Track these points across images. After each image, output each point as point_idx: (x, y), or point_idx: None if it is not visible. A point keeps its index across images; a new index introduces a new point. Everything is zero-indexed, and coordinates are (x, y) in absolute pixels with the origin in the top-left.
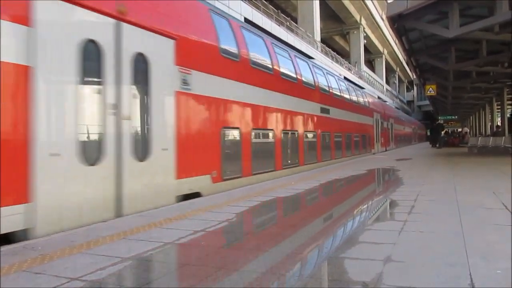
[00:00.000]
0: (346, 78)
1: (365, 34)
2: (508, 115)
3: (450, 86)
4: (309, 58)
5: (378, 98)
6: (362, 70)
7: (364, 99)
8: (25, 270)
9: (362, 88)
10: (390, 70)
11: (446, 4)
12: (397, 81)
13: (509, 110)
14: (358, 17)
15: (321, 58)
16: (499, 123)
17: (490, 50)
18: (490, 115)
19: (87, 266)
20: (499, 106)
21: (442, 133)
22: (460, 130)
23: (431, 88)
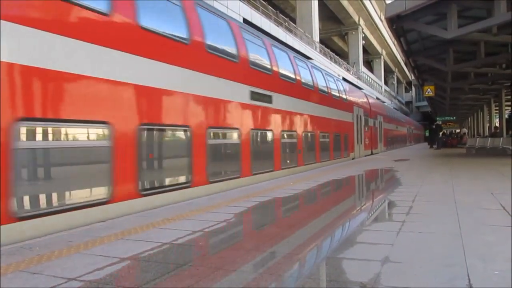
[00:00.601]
0: (345, 79)
1: (363, 35)
2: (506, 116)
3: (448, 87)
4: (307, 58)
5: (378, 98)
6: (360, 71)
7: (339, 89)
8: (22, 270)
9: (360, 88)
10: (388, 71)
11: (444, 5)
12: (395, 82)
13: (507, 111)
14: (356, 18)
15: (319, 59)
16: (497, 124)
17: (488, 52)
18: (488, 116)
19: (85, 267)
20: (497, 107)
21: (440, 134)
22: (458, 131)
23: (430, 89)
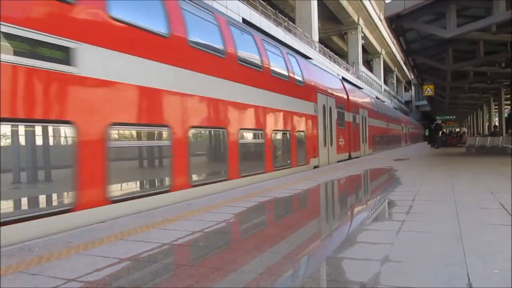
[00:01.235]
0: (344, 79)
1: (363, 35)
2: (505, 115)
3: (448, 86)
4: (307, 58)
5: (377, 97)
6: (360, 71)
7: (290, 66)
8: (22, 271)
9: (360, 88)
10: (388, 70)
11: (443, 4)
12: (395, 81)
13: (506, 110)
14: (356, 17)
15: (319, 58)
16: (497, 123)
17: (487, 51)
18: (488, 115)
19: (85, 267)
20: (497, 106)
21: (440, 133)
22: (458, 130)
23: (429, 88)
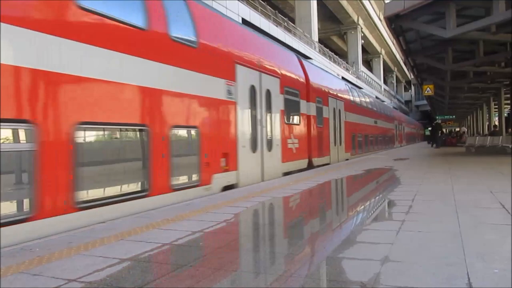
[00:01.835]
0: (344, 78)
1: (362, 34)
2: (505, 115)
3: (448, 86)
4: (307, 58)
5: (377, 97)
6: (360, 70)
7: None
8: (22, 271)
9: (360, 87)
10: (388, 70)
11: (443, 4)
12: (394, 81)
13: (506, 110)
14: (355, 17)
15: (318, 58)
16: (497, 123)
17: (487, 50)
18: (488, 115)
19: (85, 268)
20: (497, 106)
21: (439, 132)
22: (458, 129)
23: (429, 88)
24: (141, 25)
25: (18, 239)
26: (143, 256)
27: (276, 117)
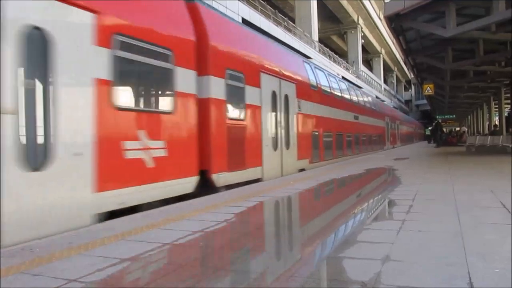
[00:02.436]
0: (344, 78)
1: (362, 34)
2: (505, 114)
3: (448, 86)
4: (307, 58)
5: (377, 97)
6: (360, 70)
7: None
8: (23, 272)
9: (360, 87)
10: (388, 69)
11: (443, 3)
12: (395, 80)
13: (506, 109)
14: (355, 17)
15: (319, 58)
16: (497, 122)
17: (487, 50)
18: (488, 114)
19: (86, 268)
20: (497, 105)
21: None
22: (458, 129)
23: (429, 87)
24: None
25: None
26: (144, 256)
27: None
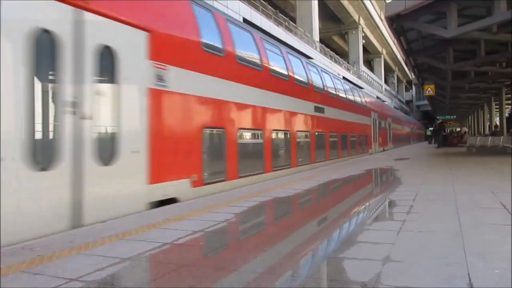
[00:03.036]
0: (345, 78)
1: (363, 34)
2: (506, 115)
3: (448, 86)
4: (307, 58)
5: (378, 97)
6: (361, 70)
7: None
8: (24, 270)
9: (361, 88)
10: (388, 70)
11: (444, 4)
12: (395, 81)
13: (507, 110)
14: (356, 17)
15: (319, 58)
16: (498, 123)
17: (488, 50)
18: (489, 115)
19: (86, 267)
20: (498, 106)
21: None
22: (459, 129)
23: (430, 88)
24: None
25: None
26: (144, 255)
27: None
